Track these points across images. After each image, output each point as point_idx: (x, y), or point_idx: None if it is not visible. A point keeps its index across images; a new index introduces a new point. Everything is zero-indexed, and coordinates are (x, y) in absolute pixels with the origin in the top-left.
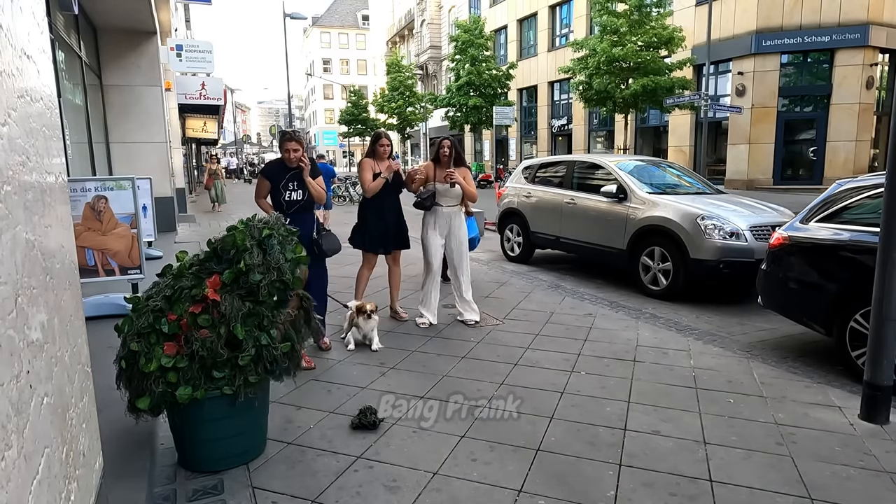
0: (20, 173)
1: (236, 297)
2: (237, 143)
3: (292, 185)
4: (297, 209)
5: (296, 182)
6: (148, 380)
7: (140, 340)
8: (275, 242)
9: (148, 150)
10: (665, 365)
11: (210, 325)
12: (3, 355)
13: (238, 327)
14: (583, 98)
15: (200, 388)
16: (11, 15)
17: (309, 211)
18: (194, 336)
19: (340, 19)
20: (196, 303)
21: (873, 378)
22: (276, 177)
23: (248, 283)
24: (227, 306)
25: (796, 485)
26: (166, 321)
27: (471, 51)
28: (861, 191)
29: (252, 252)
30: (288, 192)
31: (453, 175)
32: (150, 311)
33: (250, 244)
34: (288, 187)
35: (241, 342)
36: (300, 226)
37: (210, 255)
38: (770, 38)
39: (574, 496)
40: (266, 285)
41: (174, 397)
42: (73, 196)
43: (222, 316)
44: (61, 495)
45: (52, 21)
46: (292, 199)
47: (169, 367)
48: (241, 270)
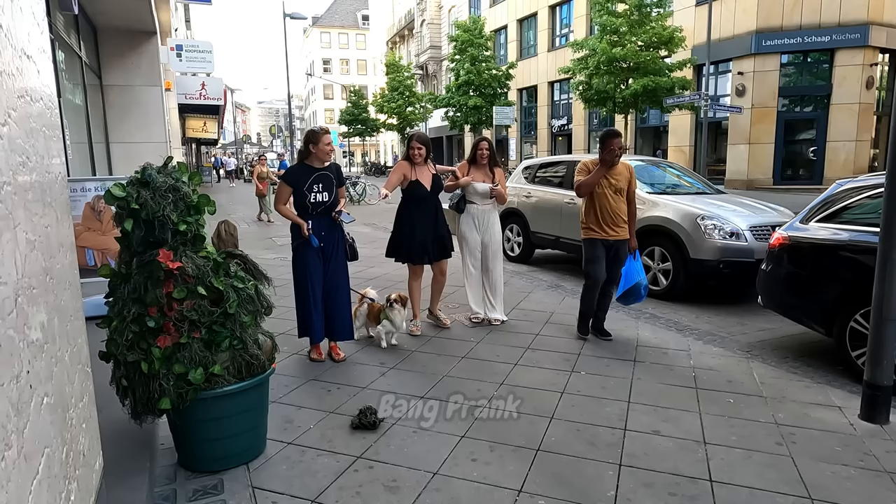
0: (20, 173)
1: (192, 255)
2: (237, 143)
3: (317, 186)
4: (322, 210)
5: (321, 183)
6: (156, 381)
7: (134, 350)
8: (152, 172)
9: (148, 150)
10: (665, 365)
11: (188, 294)
12: (3, 355)
13: (214, 279)
14: (583, 98)
15: (211, 365)
16: (11, 15)
17: (332, 212)
18: (183, 311)
19: (340, 19)
20: (164, 282)
21: (873, 378)
22: (299, 180)
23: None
24: (191, 266)
25: (796, 485)
26: (150, 318)
27: (471, 50)
28: (861, 191)
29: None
30: (313, 193)
31: (497, 189)
32: (131, 321)
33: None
34: (313, 189)
35: (223, 293)
36: (325, 228)
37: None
38: (770, 38)
39: (574, 496)
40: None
41: (188, 384)
42: (73, 196)
43: (194, 278)
44: (61, 495)
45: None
46: (318, 201)
47: (172, 355)
48: (135, 210)
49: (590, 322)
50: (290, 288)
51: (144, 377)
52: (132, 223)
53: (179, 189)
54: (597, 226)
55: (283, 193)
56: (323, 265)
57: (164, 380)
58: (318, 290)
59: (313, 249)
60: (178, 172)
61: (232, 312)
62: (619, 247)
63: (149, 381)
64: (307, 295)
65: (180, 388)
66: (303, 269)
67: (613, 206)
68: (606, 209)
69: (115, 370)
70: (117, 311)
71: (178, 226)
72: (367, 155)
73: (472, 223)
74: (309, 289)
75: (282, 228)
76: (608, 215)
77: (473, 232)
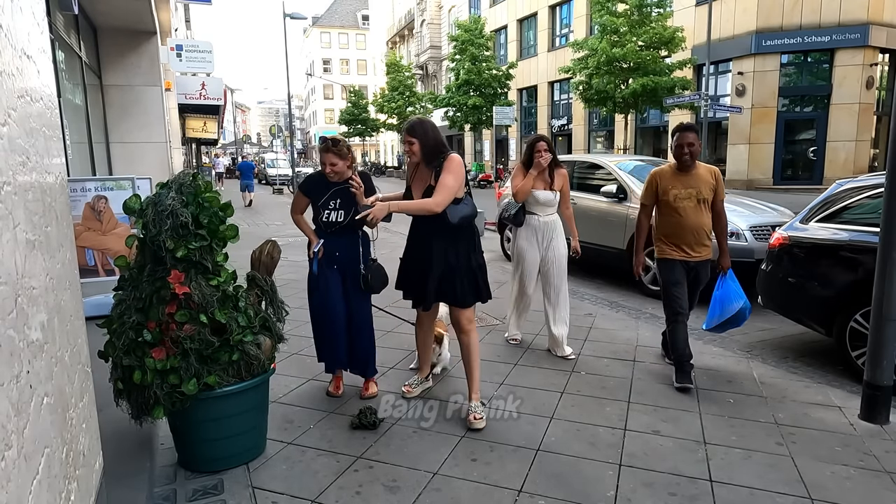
0: (20, 173)
1: (202, 282)
2: (237, 143)
3: (333, 203)
4: (336, 230)
5: (338, 200)
6: (149, 389)
7: (130, 356)
8: (167, 192)
9: (148, 150)
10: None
11: (190, 319)
12: (3, 355)
13: (217, 312)
14: (583, 98)
15: (204, 376)
16: (11, 15)
17: (352, 231)
18: (181, 335)
19: (340, 19)
20: (169, 303)
21: (873, 378)
22: (316, 193)
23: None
24: (198, 294)
25: (796, 485)
26: (148, 331)
27: (471, 50)
28: (861, 191)
29: (146, 210)
30: (327, 211)
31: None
32: (129, 328)
33: (144, 204)
34: (328, 206)
35: (226, 326)
36: (339, 249)
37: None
38: (770, 38)
39: (574, 496)
40: (161, 238)
41: (181, 395)
42: (73, 196)
43: (199, 305)
44: (61, 495)
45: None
46: (330, 220)
47: (166, 369)
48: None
49: (688, 359)
50: (290, 288)
51: (138, 384)
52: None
53: (178, 216)
54: (674, 243)
55: (299, 202)
56: (342, 287)
57: (158, 388)
58: (334, 313)
59: (329, 266)
60: (190, 195)
61: (233, 343)
62: (699, 269)
63: (142, 388)
64: (316, 324)
65: (173, 398)
66: (310, 294)
67: (695, 221)
68: (686, 223)
69: (112, 370)
70: (119, 313)
71: (175, 251)
72: (367, 155)
73: (532, 238)
74: (318, 320)
75: (282, 228)
76: (689, 231)
77: (534, 248)
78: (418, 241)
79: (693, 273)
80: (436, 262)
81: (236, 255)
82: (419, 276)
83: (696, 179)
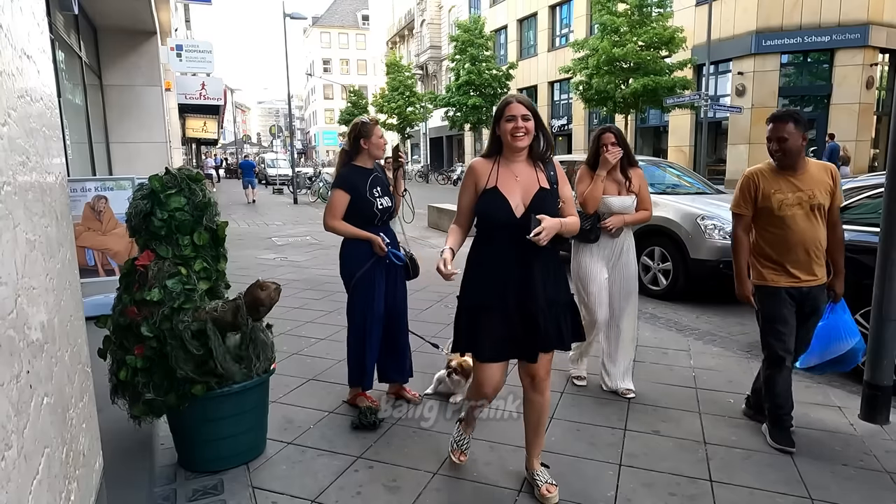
0: (20, 173)
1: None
2: (237, 143)
3: (377, 190)
4: (386, 219)
5: (379, 187)
6: (134, 388)
7: (120, 350)
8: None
9: (148, 150)
10: (665, 365)
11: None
12: (3, 355)
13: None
14: (583, 98)
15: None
16: (11, 15)
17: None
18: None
19: (340, 19)
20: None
21: (873, 378)
22: (358, 184)
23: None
24: (154, 270)
25: (796, 485)
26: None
27: (471, 50)
28: (861, 191)
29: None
30: (377, 199)
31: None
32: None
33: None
34: (374, 193)
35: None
36: (392, 238)
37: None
38: (770, 38)
39: (574, 496)
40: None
41: (182, 399)
42: (73, 196)
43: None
44: (61, 495)
45: (52, 21)
46: (384, 206)
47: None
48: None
49: (788, 412)
50: (290, 288)
51: (126, 383)
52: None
53: (152, 223)
54: (779, 265)
55: (340, 204)
56: (386, 290)
57: (144, 388)
58: (380, 327)
59: (380, 275)
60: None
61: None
62: (816, 296)
63: (128, 386)
64: (369, 336)
65: (183, 399)
66: (368, 304)
67: (807, 234)
68: (796, 238)
69: (110, 368)
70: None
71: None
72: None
73: (600, 253)
74: (375, 329)
75: (282, 228)
76: (800, 248)
77: (601, 267)
78: (507, 271)
79: (808, 303)
80: (540, 295)
81: (236, 256)
82: (522, 319)
83: (807, 180)
